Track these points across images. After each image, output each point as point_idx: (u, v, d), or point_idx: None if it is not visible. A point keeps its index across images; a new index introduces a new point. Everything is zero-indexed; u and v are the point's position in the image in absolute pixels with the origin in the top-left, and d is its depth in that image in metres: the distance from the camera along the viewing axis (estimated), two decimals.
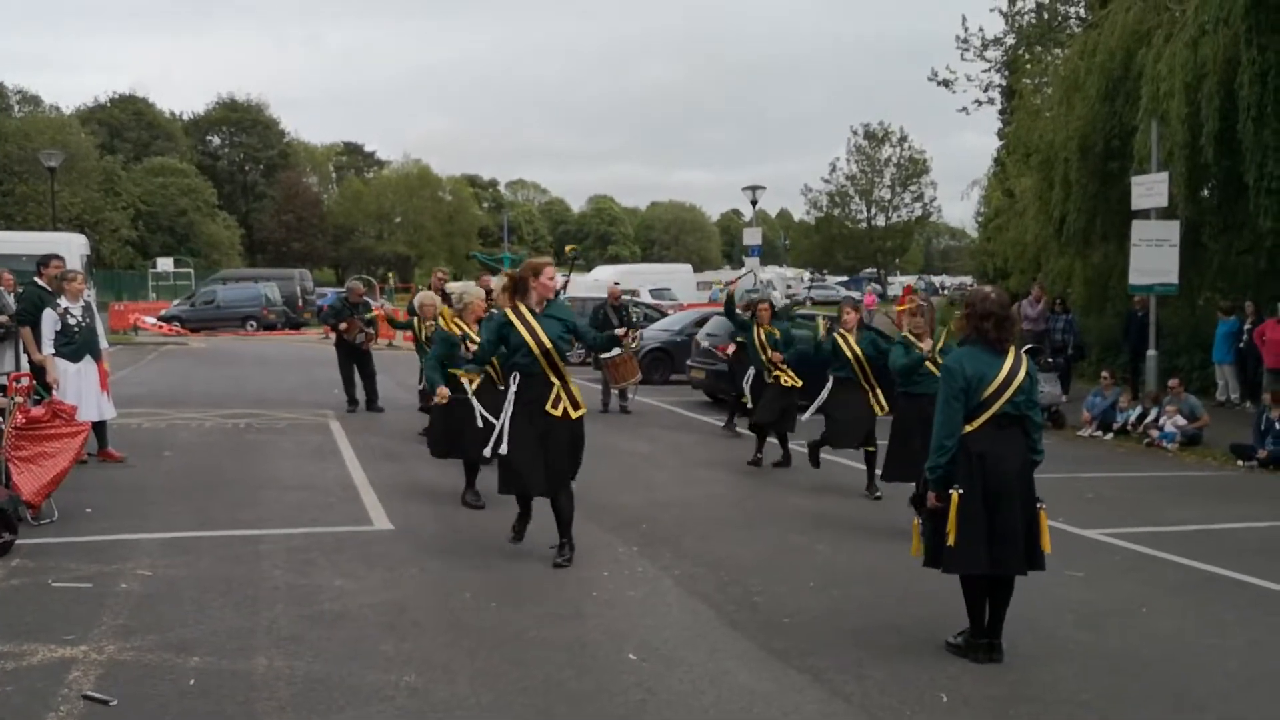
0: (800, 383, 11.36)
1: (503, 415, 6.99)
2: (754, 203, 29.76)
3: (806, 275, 65.69)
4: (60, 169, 36.37)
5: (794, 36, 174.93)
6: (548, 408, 6.86)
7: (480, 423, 8.10)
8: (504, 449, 6.90)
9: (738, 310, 12.43)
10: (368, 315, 14.71)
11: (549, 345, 6.86)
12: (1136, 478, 12.17)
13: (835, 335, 10.12)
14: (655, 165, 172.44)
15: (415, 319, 11.80)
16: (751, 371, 12.00)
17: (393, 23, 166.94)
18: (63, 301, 9.79)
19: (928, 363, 8.52)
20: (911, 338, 8.83)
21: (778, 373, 11.39)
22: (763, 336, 11.58)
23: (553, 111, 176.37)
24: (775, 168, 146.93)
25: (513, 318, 6.93)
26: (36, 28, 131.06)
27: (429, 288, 14.79)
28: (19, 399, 7.94)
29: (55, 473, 7.73)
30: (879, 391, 10.01)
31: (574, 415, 6.95)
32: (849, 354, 9.94)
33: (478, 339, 8.22)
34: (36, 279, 10.49)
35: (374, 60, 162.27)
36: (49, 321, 9.65)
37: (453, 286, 12.76)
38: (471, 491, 8.90)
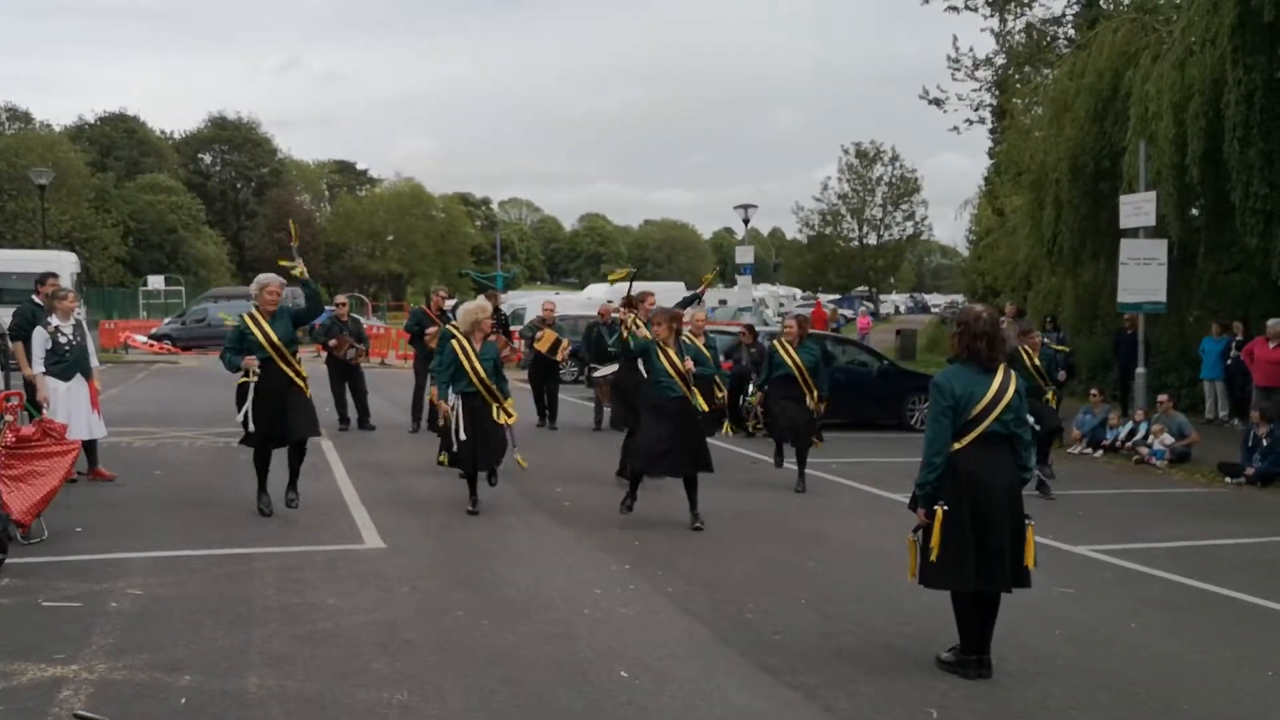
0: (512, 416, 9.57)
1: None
2: (746, 221, 29.59)
3: (798, 294, 65.89)
4: (50, 186, 36.30)
5: (775, 60, 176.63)
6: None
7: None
8: None
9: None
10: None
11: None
12: (1126, 494, 12.22)
13: (775, 344, 11.42)
14: (637, 185, 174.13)
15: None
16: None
17: (377, 47, 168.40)
18: (53, 320, 9.77)
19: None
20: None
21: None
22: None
23: (535, 133, 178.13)
24: (754, 188, 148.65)
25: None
26: (26, 49, 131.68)
27: (427, 306, 14.82)
28: (9, 418, 7.94)
29: (45, 491, 7.72)
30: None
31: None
32: (789, 361, 11.13)
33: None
34: (34, 296, 10.51)
35: (360, 83, 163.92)
36: (40, 340, 9.63)
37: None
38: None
